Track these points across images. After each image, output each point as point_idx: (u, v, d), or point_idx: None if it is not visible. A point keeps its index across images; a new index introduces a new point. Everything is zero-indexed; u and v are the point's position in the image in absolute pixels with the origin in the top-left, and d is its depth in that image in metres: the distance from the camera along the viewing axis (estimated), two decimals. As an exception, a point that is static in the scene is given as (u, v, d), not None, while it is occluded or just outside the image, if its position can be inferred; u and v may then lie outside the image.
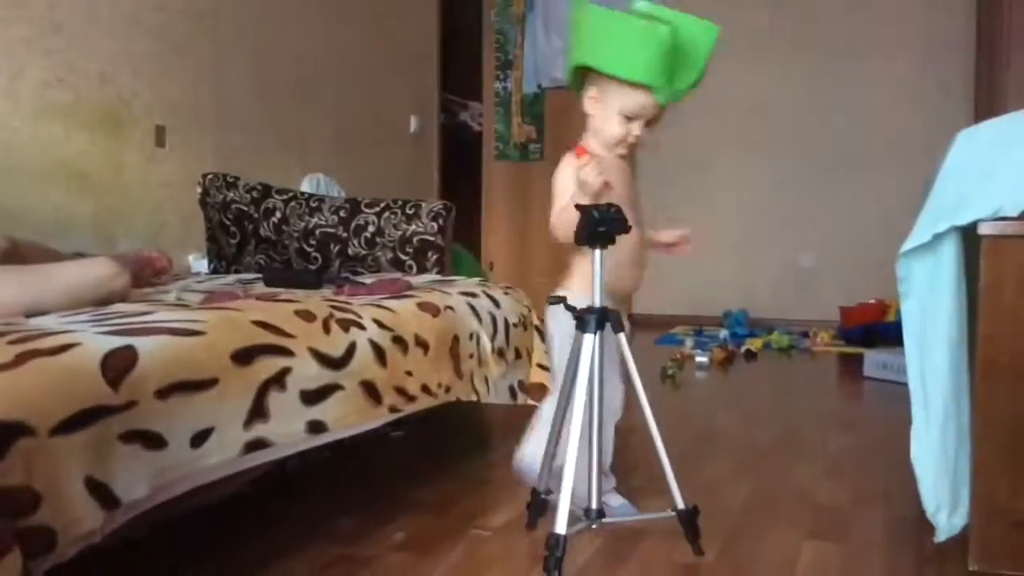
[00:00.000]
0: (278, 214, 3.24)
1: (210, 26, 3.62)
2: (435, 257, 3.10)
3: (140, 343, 1.42)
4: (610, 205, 1.82)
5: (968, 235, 1.69)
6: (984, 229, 1.63)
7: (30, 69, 2.91)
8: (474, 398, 2.42)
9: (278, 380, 1.64)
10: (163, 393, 1.40)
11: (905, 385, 1.79)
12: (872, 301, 4.90)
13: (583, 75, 2.04)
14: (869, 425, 3.25)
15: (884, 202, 5.29)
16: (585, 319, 1.81)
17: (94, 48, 3.11)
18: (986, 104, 4.23)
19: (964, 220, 1.61)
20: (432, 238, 3.10)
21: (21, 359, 1.24)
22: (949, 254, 1.69)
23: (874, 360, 4.11)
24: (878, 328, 4.71)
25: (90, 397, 1.28)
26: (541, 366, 2.89)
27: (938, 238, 1.66)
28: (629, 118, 1.97)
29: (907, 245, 1.69)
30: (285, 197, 3.30)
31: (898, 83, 5.48)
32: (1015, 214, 1.61)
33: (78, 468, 1.23)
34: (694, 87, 1.93)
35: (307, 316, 1.83)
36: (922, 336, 1.74)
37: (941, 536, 1.79)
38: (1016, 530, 1.66)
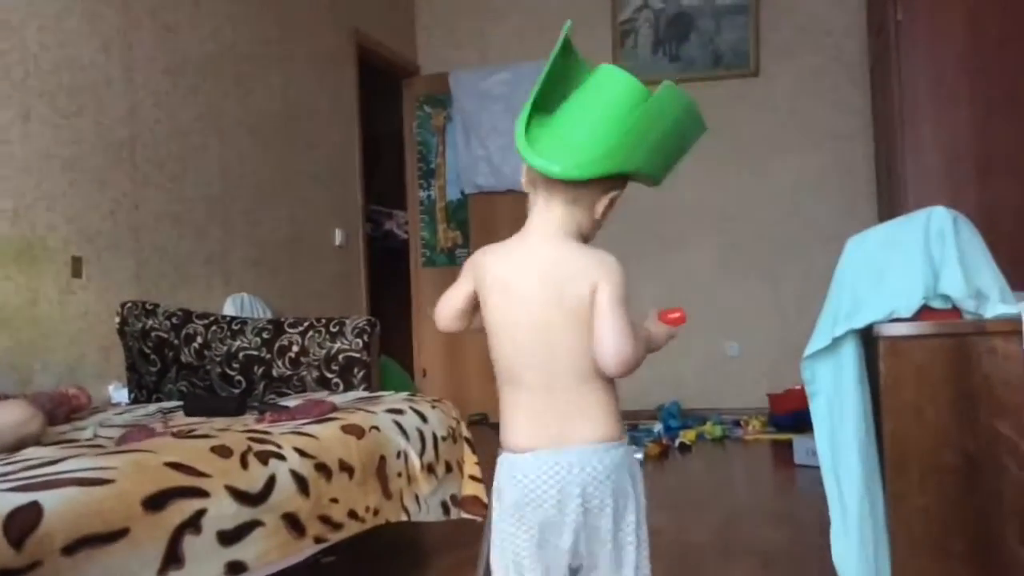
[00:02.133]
0: (199, 339, 3.21)
1: (126, 155, 3.62)
2: (361, 374, 3.09)
3: (45, 498, 1.38)
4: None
5: (866, 335, 1.76)
6: (881, 331, 1.70)
7: (-61, 207, 2.86)
8: (404, 518, 2.38)
9: (193, 523, 1.60)
10: (70, 550, 1.36)
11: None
12: (799, 387, 4.99)
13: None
14: (802, 515, 3.27)
15: (801, 289, 5.45)
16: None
17: (7, 184, 3.09)
18: (886, 191, 4.43)
19: (860, 324, 1.68)
20: (357, 355, 3.09)
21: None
22: (849, 355, 1.76)
23: (803, 446, 4.17)
24: (806, 413, 4.76)
25: (-10, 562, 1.24)
26: (473, 477, 2.87)
27: (838, 341, 1.72)
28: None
29: (809, 349, 1.75)
30: (206, 322, 3.27)
31: (807, 177, 5.72)
32: (908, 315, 1.69)
33: (-24, 640, 1.18)
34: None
35: (223, 452, 1.80)
36: (832, 436, 1.79)
37: None
38: (941, 623, 1.68)
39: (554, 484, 1.22)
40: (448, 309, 1.40)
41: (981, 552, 1.66)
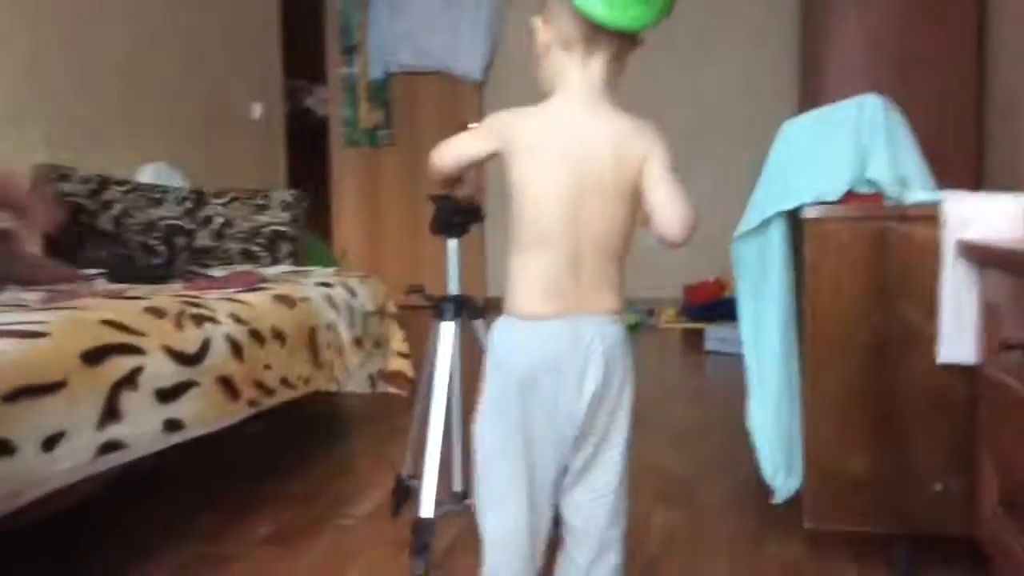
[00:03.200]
0: (118, 206, 3.11)
1: (31, 16, 3.41)
2: (288, 248, 3.07)
3: (-19, 348, 1.36)
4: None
5: (794, 218, 1.83)
6: (808, 213, 1.77)
7: None
8: (333, 388, 2.42)
9: (130, 380, 1.60)
10: (9, 398, 1.35)
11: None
12: (712, 280, 5.16)
13: None
14: (711, 397, 3.44)
15: (721, 186, 5.55)
16: (442, 307, 1.85)
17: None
18: (810, 89, 4.52)
19: (789, 205, 1.75)
20: (285, 228, 3.06)
21: None
22: (777, 238, 1.83)
23: (714, 335, 4.35)
24: (718, 305, 4.97)
25: (-71, 407, 1.22)
26: (400, 353, 2.92)
27: (766, 223, 1.79)
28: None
29: (738, 231, 1.81)
30: (125, 188, 3.17)
31: (733, 76, 5.77)
32: (835, 199, 1.76)
33: (-79, 482, 1.17)
34: None
35: (158, 313, 1.79)
36: (756, 314, 1.88)
37: (779, 498, 1.93)
38: (845, 489, 1.82)
39: (579, 350, 1.20)
40: (457, 155, 1.32)
41: (885, 424, 1.78)
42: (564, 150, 1.21)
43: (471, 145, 1.30)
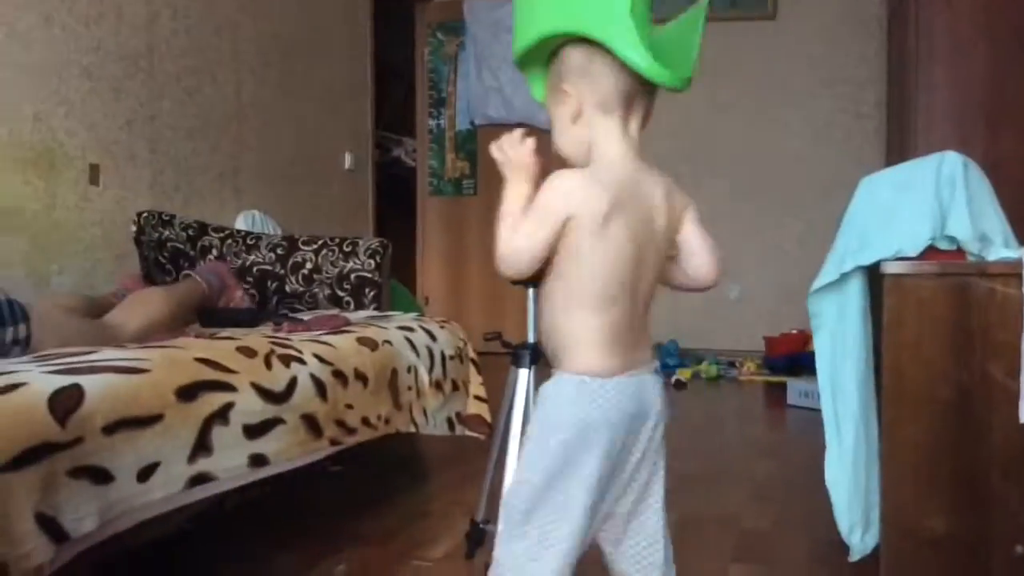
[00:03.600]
0: (214, 251, 3.27)
1: (144, 65, 3.64)
2: (372, 293, 3.16)
3: (86, 381, 1.45)
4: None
5: (872, 273, 1.82)
6: (887, 268, 1.76)
7: (-38, 107, 2.89)
8: (413, 429, 2.48)
9: (221, 415, 1.68)
10: (109, 429, 1.44)
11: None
12: (794, 331, 5.09)
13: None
14: (792, 451, 3.38)
15: (804, 235, 5.51)
16: (519, 353, 1.89)
17: (28, 89, 3.11)
18: (896, 139, 4.47)
19: (868, 260, 1.74)
20: (369, 275, 3.16)
21: (-29, 399, 1.27)
22: (855, 292, 1.83)
23: (796, 388, 4.28)
24: (800, 357, 4.89)
25: (38, 434, 1.31)
26: (478, 398, 2.96)
27: (845, 277, 1.79)
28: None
29: (817, 284, 1.81)
30: (221, 235, 3.32)
31: (817, 123, 5.73)
32: (914, 254, 1.75)
33: (28, 503, 1.26)
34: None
35: (248, 352, 1.88)
36: (833, 367, 1.87)
37: (855, 556, 1.90)
38: (923, 548, 1.78)
39: (648, 401, 1.24)
40: (531, 255, 1.21)
41: (965, 484, 1.75)
42: (631, 214, 1.20)
43: (541, 236, 1.20)
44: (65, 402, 1.38)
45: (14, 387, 1.36)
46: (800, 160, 5.77)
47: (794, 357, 4.95)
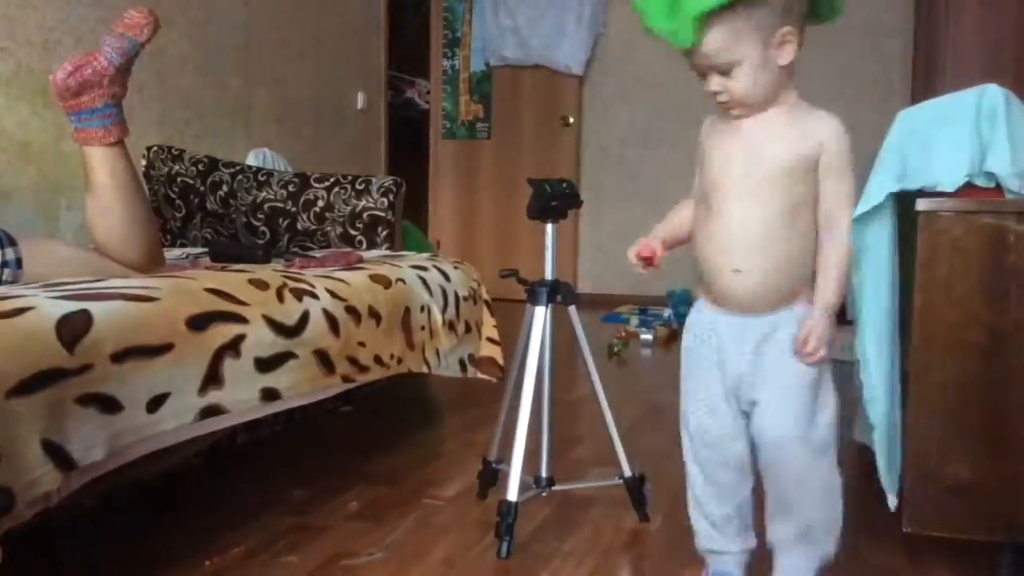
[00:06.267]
0: (225, 187, 3.21)
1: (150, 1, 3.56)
2: (385, 232, 3.11)
3: (95, 307, 1.41)
4: (562, 180, 1.87)
5: (904, 211, 1.75)
6: (921, 205, 1.69)
7: (-33, 35, 2.82)
8: (425, 369, 2.44)
9: (233, 347, 1.64)
10: (118, 357, 1.40)
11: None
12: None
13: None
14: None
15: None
16: (536, 291, 1.85)
17: (34, 18, 3.04)
18: (922, 88, 4.35)
19: (909, 186, 1.67)
20: (382, 213, 3.10)
21: (-25, 321, 1.23)
22: (885, 231, 1.75)
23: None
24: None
25: (46, 360, 1.28)
26: (491, 340, 2.92)
27: (878, 210, 1.71)
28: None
29: (859, 209, 1.72)
30: (232, 170, 3.26)
31: (840, 72, 5.60)
32: (951, 190, 1.68)
33: (35, 430, 1.22)
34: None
35: (261, 285, 1.83)
36: (877, 308, 1.79)
37: (893, 502, 1.82)
38: (947, 494, 1.74)
39: None
40: None
41: (993, 428, 1.70)
42: None
43: None
44: (73, 328, 1.34)
45: (20, 311, 1.31)
46: (823, 107, 5.65)
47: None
